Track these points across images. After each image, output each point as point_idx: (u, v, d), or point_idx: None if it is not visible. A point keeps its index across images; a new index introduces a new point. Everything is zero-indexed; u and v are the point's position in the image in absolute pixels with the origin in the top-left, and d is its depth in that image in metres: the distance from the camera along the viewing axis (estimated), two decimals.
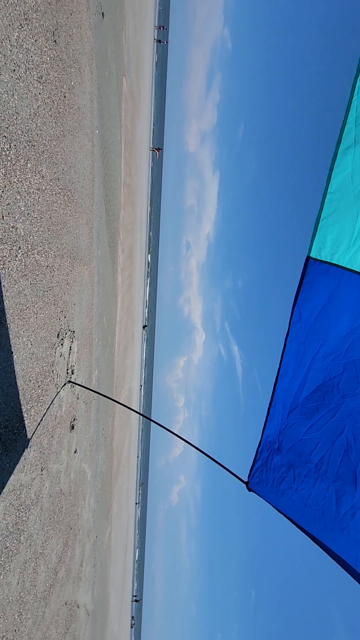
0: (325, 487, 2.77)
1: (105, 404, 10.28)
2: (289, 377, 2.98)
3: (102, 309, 8.86)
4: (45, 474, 4.38)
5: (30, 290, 3.59)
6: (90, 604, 8.63)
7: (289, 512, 2.97)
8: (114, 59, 9.22)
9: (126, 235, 15.04)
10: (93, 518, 8.50)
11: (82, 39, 5.13)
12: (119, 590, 20.56)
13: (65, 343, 5.02)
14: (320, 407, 2.84)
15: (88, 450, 7.38)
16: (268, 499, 3.17)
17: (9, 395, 3.28)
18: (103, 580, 11.47)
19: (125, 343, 16.86)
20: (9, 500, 3.35)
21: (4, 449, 3.22)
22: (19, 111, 3.16)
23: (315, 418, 2.87)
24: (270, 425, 3.13)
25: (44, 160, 3.74)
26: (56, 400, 4.71)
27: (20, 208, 3.26)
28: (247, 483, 3.35)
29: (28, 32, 3.29)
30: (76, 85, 4.83)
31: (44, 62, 3.67)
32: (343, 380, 2.66)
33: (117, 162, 10.69)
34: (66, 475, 5.50)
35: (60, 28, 4.12)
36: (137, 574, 45.04)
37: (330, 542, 2.70)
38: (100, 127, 7.09)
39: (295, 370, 2.94)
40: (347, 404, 2.71)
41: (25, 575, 3.77)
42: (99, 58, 6.69)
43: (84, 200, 5.71)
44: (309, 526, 2.83)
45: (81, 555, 7.03)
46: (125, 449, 19.62)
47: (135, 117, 17.34)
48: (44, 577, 4.43)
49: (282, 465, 3.07)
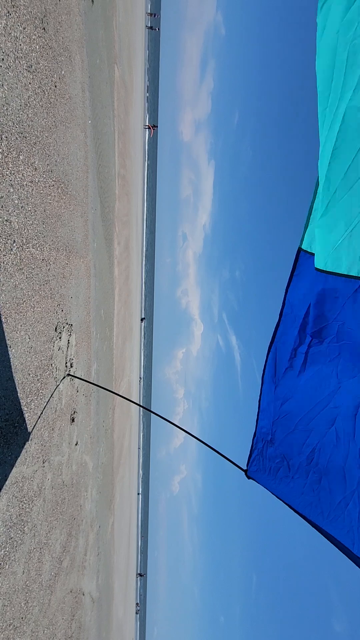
0: (317, 478, 2.81)
1: (105, 397, 10.34)
2: (278, 368, 2.99)
3: (100, 302, 8.84)
4: (47, 466, 4.43)
5: (26, 284, 3.58)
6: (95, 592, 8.81)
7: (287, 499, 3.03)
8: (105, 46, 9.03)
9: (122, 227, 14.93)
10: (96, 509, 8.62)
11: (72, 25, 5.02)
12: (123, 578, 20.97)
13: (64, 336, 5.02)
14: (313, 397, 2.86)
15: (89, 442, 7.45)
16: (267, 486, 3.23)
17: (8, 389, 3.29)
18: (107, 568, 11.68)
19: (123, 336, 16.88)
20: (12, 492, 3.39)
21: (5, 442, 3.25)
22: (9, 102, 3.11)
23: (307, 409, 2.90)
24: (263, 416, 3.16)
25: (36, 152, 3.70)
26: (56, 393, 4.73)
27: (13, 201, 3.23)
28: (246, 471, 3.40)
29: (16, 20, 3.22)
30: (67, 74, 4.74)
31: (34, 51, 3.59)
32: (341, 365, 2.68)
33: (110, 153, 10.56)
34: (68, 467, 5.55)
35: (49, 15, 4.02)
36: (140, 561, 45.92)
37: (328, 526, 2.76)
38: (93, 117, 6.98)
39: (286, 361, 2.95)
40: (342, 391, 2.73)
41: (30, 564, 3.84)
42: (89, 46, 6.55)
43: (78, 192, 5.65)
44: (306, 512, 2.88)
45: (85, 545, 7.15)
46: (126, 440, 19.80)
47: (128, 106, 17.06)
48: (48, 566, 4.51)
49: (277, 456, 3.11)
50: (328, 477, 2.73)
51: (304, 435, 2.89)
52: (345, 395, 2.66)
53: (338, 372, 2.72)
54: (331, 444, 2.73)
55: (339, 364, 2.70)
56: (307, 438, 2.87)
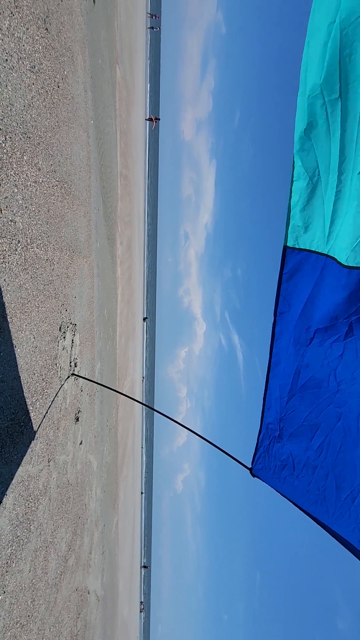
0: (324, 473, 2.81)
1: (109, 396, 10.36)
2: (282, 365, 2.99)
3: (103, 301, 8.86)
4: (52, 465, 4.45)
5: (31, 284, 3.60)
6: (100, 590, 8.85)
7: (292, 497, 3.03)
8: (107, 46, 9.04)
9: (124, 227, 14.95)
10: (100, 507, 8.65)
11: (74, 26, 5.03)
12: (128, 576, 21.02)
13: (68, 336, 5.04)
14: (319, 393, 2.86)
15: (93, 441, 7.47)
16: (271, 484, 3.23)
17: (14, 388, 3.31)
18: (112, 567, 11.72)
19: (126, 335, 16.90)
20: (18, 491, 3.42)
21: (12, 441, 3.27)
22: (13, 102, 3.12)
23: (315, 404, 2.89)
24: (268, 413, 3.16)
25: (40, 152, 3.71)
26: (60, 392, 4.75)
27: (18, 201, 3.25)
28: (251, 469, 3.40)
29: (19, 20, 3.23)
30: (69, 74, 4.75)
31: (36, 51, 3.61)
32: (342, 363, 2.67)
33: (113, 153, 10.57)
34: (73, 466, 5.58)
35: (51, 15, 4.03)
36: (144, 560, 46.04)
37: (333, 524, 2.76)
38: (95, 117, 7.00)
39: (289, 358, 2.95)
40: (342, 393, 2.73)
41: (37, 563, 3.86)
42: (91, 46, 6.56)
43: (81, 192, 5.67)
44: (312, 509, 2.88)
45: (90, 544, 7.18)
46: (129, 439, 19.84)
47: (130, 106, 17.06)
48: (54, 565, 4.54)
49: (283, 453, 3.11)
50: (335, 473, 2.73)
51: (312, 431, 2.89)
52: (351, 394, 2.66)
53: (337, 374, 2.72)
54: (339, 439, 2.73)
55: (340, 363, 2.70)
56: (314, 433, 2.87)
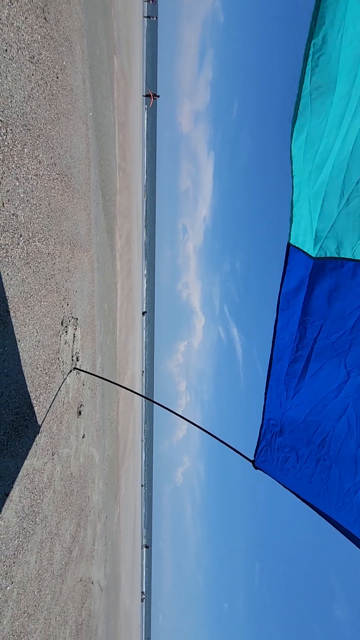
0: (328, 465, 2.83)
1: (110, 390, 10.40)
2: (285, 362, 3.00)
3: (103, 295, 8.85)
4: (56, 458, 4.48)
5: (33, 278, 3.59)
6: (104, 580, 8.97)
7: (295, 488, 3.06)
8: (104, 36, 8.89)
9: (123, 220, 14.86)
10: (102, 500, 8.74)
11: (72, 15, 4.94)
12: (129, 567, 21.31)
13: (69, 330, 5.04)
14: (323, 389, 2.87)
15: (95, 435, 7.52)
16: (274, 475, 3.26)
17: (18, 382, 3.32)
18: (114, 558, 11.87)
19: (126, 329, 16.90)
20: (24, 484, 3.44)
21: (17, 434, 3.29)
22: (13, 94, 3.08)
23: (318, 400, 2.91)
24: (270, 408, 3.17)
25: (40, 144, 3.67)
26: (63, 386, 4.77)
27: (19, 195, 3.22)
28: (254, 462, 3.43)
29: (18, 9, 3.18)
30: (68, 65, 4.68)
31: (36, 41, 3.55)
32: (350, 356, 2.69)
33: (111, 146, 10.46)
34: (76, 459, 5.62)
35: (50, 4, 3.96)
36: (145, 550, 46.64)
37: (336, 514, 2.79)
38: (94, 109, 6.91)
39: (293, 354, 2.96)
40: (352, 382, 2.75)
41: (42, 554, 3.91)
42: (89, 35, 6.46)
43: (81, 185, 5.62)
44: (314, 500, 2.91)
45: (93, 535, 7.26)
46: (130, 433, 19.96)
47: (128, 97, 16.84)
48: (59, 556, 4.59)
49: (285, 446, 3.13)
50: (338, 465, 2.76)
51: (315, 425, 2.91)
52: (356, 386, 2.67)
53: (347, 364, 2.73)
54: (343, 432, 2.75)
55: (348, 356, 2.71)
56: (318, 427, 2.89)
